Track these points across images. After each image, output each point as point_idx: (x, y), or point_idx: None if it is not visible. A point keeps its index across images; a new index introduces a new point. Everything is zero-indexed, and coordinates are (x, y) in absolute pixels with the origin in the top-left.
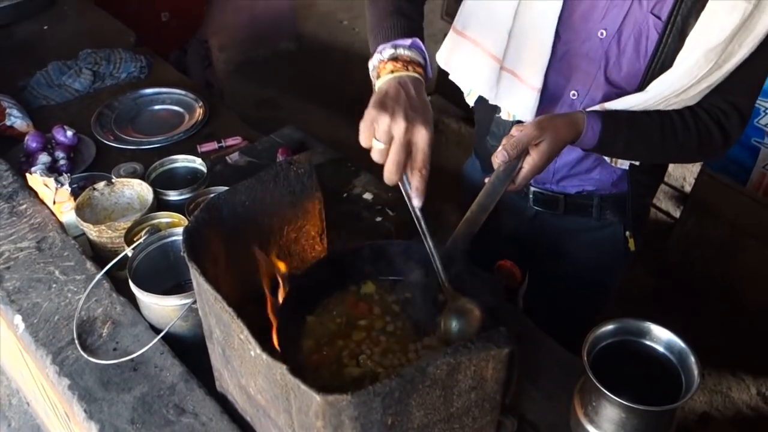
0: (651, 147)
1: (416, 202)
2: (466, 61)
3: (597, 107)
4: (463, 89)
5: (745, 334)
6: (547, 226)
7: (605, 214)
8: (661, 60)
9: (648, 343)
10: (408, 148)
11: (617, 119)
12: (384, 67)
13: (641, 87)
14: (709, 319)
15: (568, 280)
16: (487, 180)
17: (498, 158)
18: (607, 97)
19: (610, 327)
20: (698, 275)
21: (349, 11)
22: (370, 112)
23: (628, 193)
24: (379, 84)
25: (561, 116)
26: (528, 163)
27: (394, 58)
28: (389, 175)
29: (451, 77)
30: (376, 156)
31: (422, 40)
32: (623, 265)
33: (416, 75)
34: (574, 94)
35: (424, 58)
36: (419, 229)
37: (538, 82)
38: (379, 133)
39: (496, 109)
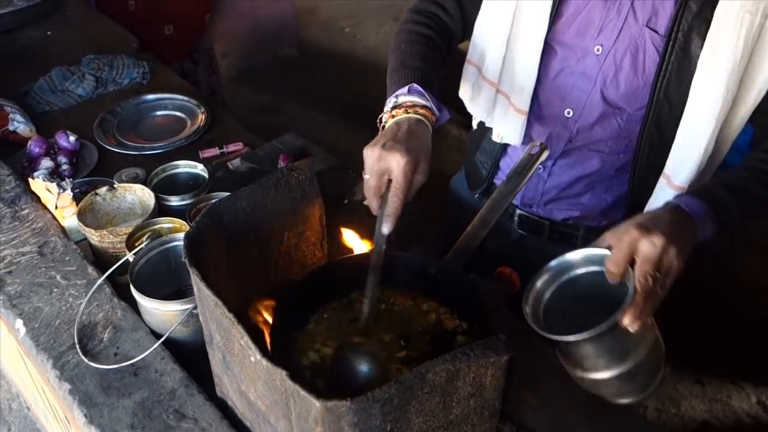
0: (759, 205)
1: (384, 228)
2: (471, 87)
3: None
4: (471, 113)
5: (745, 341)
6: (531, 251)
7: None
8: (666, 79)
9: (594, 269)
10: (384, 175)
11: (719, 199)
12: (389, 117)
13: (650, 108)
14: (709, 327)
15: None
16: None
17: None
18: (603, 115)
19: (546, 275)
20: (698, 283)
21: (351, 18)
22: (363, 152)
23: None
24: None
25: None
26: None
27: (396, 106)
28: (368, 201)
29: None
30: (364, 187)
31: (431, 84)
32: None
33: (416, 116)
34: (568, 113)
35: (426, 98)
36: (372, 256)
37: (525, 105)
38: (366, 167)
39: (490, 128)
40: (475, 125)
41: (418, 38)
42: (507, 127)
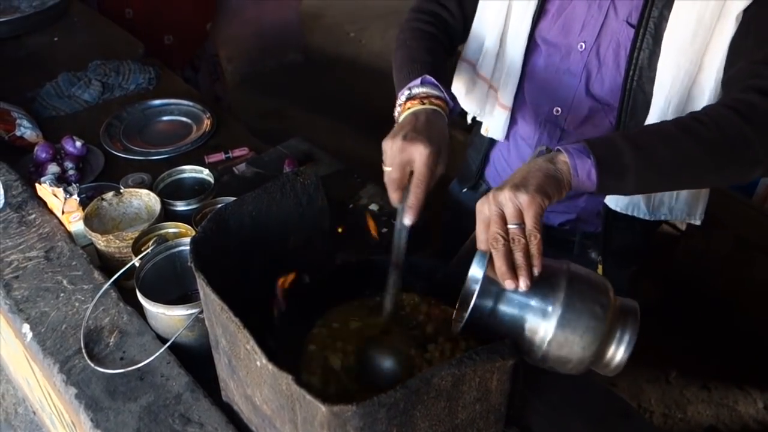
0: (669, 161)
1: (406, 220)
2: (465, 83)
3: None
4: (465, 109)
5: (752, 346)
6: None
7: (588, 253)
8: (639, 67)
9: None
10: (407, 167)
11: (610, 140)
12: (404, 108)
13: (623, 98)
14: (716, 332)
15: None
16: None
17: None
18: (592, 112)
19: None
20: (705, 288)
21: (356, 24)
22: (382, 144)
23: (603, 227)
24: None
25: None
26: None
27: (411, 98)
28: (390, 195)
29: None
30: (385, 180)
31: (441, 77)
32: None
33: (432, 107)
34: (557, 111)
35: (440, 89)
36: (393, 252)
37: (508, 101)
38: (386, 159)
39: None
40: (469, 120)
41: (423, 35)
42: (493, 122)
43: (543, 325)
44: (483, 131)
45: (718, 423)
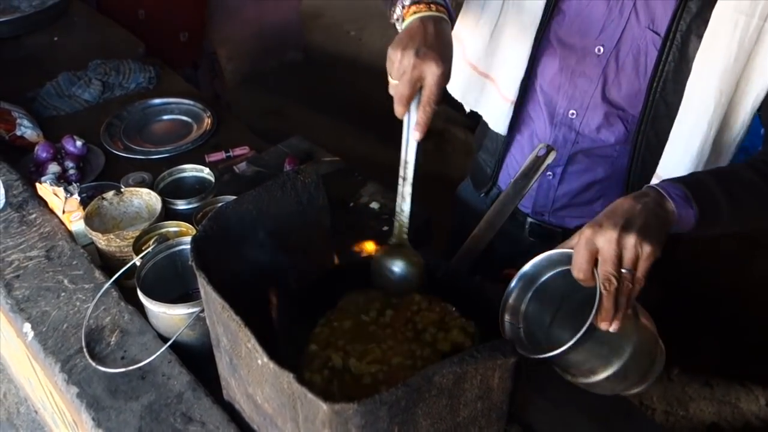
0: (752, 210)
1: (415, 135)
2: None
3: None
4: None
5: (755, 343)
6: None
7: None
8: (663, 79)
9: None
10: (417, 83)
11: (708, 187)
12: (408, 11)
13: (645, 108)
14: (719, 330)
15: None
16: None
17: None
18: (608, 116)
19: (517, 287)
20: (707, 286)
21: (356, 22)
22: (388, 52)
23: None
24: (403, 26)
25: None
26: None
27: (416, 2)
28: (395, 108)
29: None
30: (391, 91)
31: None
32: None
33: (439, 14)
34: (572, 114)
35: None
36: (401, 166)
37: (512, 94)
38: (393, 70)
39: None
40: (468, 109)
41: None
42: (492, 113)
43: (613, 361)
44: (490, 126)
45: (721, 420)
